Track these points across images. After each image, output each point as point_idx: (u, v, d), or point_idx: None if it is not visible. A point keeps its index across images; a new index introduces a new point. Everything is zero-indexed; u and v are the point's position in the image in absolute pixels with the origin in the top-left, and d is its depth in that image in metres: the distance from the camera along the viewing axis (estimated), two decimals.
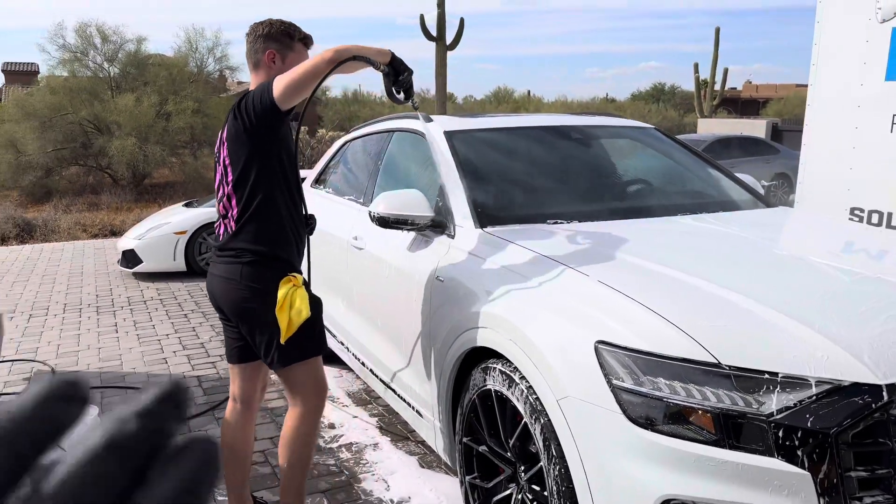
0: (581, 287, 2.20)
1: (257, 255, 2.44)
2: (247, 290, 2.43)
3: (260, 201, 2.43)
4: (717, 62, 26.73)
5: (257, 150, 2.41)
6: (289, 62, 2.51)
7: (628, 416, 1.86)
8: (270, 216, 2.46)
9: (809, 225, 3.29)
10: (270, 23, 2.53)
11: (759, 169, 12.47)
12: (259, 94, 2.36)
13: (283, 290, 2.39)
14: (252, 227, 2.44)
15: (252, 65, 2.56)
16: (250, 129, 2.39)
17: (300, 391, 2.54)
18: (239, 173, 2.43)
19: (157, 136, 14.62)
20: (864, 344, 1.84)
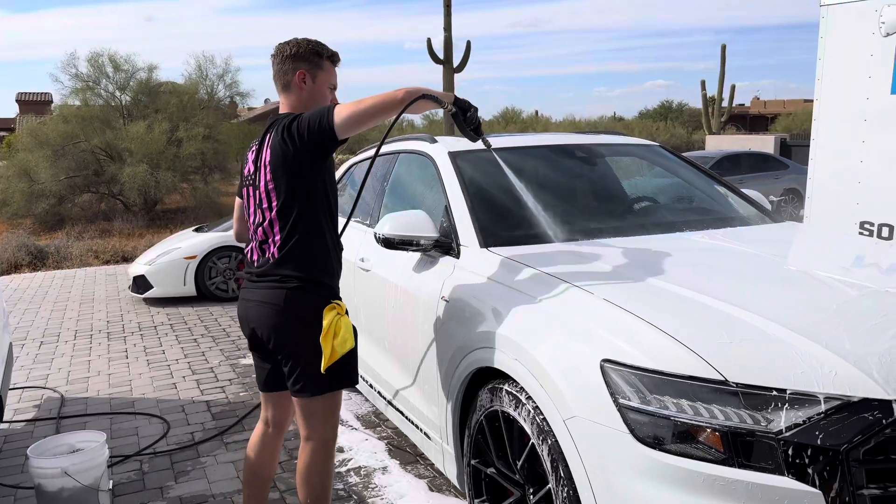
0: (587, 305, 2.18)
1: (303, 281, 2.39)
2: (290, 315, 2.38)
3: (306, 227, 2.39)
4: (723, 79, 26.78)
5: (306, 175, 2.37)
6: (319, 81, 2.50)
7: (636, 436, 1.84)
8: (316, 242, 2.41)
9: (816, 239, 3.27)
10: (297, 42, 2.50)
11: (768, 184, 12.44)
12: (317, 118, 2.31)
13: (329, 319, 2.35)
14: (298, 254, 2.39)
15: (281, 86, 2.52)
16: (301, 152, 2.34)
17: (321, 421, 2.47)
18: (285, 198, 2.37)
19: (169, 163, 14.75)
20: (873, 359, 1.82)
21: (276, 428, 2.68)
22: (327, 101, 2.52)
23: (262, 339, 2.46)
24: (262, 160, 2.43)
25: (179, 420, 4.24)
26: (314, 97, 2.50)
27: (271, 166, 2.39)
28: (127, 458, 3.71)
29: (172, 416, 4.32)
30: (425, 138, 3.61)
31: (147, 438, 3.97)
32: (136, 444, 3.89)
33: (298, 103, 2.49)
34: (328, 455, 2.51)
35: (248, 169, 2.53)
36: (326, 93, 2.53)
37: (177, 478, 3.49)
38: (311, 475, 2.48)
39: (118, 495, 3.33)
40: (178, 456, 3.74)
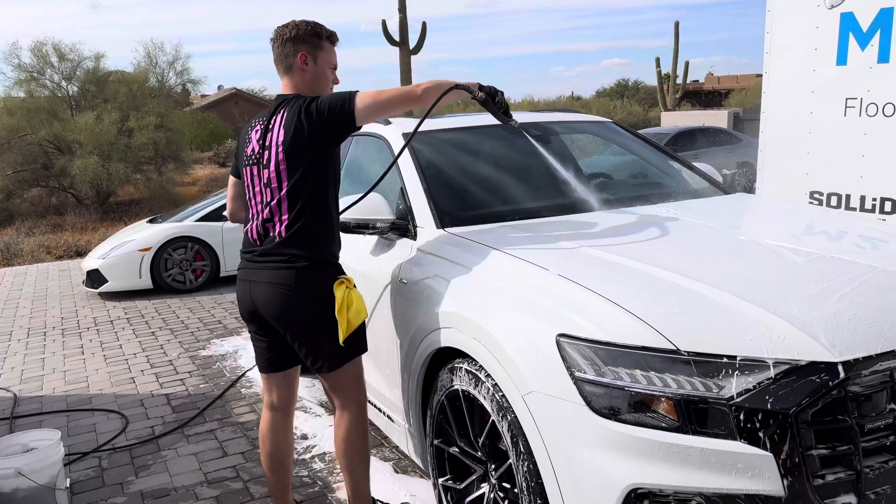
0: (542, 281, 2.19)
1: (312, 259, 2.43)
2: (301, 294, 2.42)
3: (315, 208, 2.44)
4: (677, 56, 27.10)
5: (319, 157, 2.42)
6: (321, 62, 2.55)
7: (592, 408, 1.86)
8: (324, 222, 2.47)
9: (766, 210, 3.34)
10: (296, 25, 2.53)
11: (723, 158, 12.65)
12: (338, 103, 2.37)
13: (340, 293, 2.42)
14: (306, 234, 2.43)
15: (283, 69, 2.55)
16: (318, 134, 2.38)
17: (351, 391, 2.56)
18: (297, 179, 2.41)
19: (120, 154, 14.38)
20: (820, 323, 1.86)
21: (283, 411, 2.70)
22: (329, 81, 2.59)
23: (269, 320, 2.48)
24: (273, 140, 2.44)
25: (139, 414, 4.17)
26: (317, 78, 2.55)
27: (284, 146, 2.41)
28: (85, 456, 3.63)
29: (131, 410, 4.24)
30: (379, 120, 3.57)
31: (105, 434, 3.89)
32: (94, 441, 3.82)
33: (302, 84, 2.53)
34: (366, 418, 2.61)
35: (252, 148, 2.52)
36: (328, 73, 2.58)
37: (137, 472, 3.43)
38: (356, 439, 2.58)
39: (77, 493, 3.26)
40: (139, 451, 3.67)
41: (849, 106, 5.16)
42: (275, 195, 2.44)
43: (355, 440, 2.58)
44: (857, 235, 2.74)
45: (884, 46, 5.07)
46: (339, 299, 2.41)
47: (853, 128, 5.16)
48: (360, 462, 2.61)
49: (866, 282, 2.11)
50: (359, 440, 2.59)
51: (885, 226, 3.44)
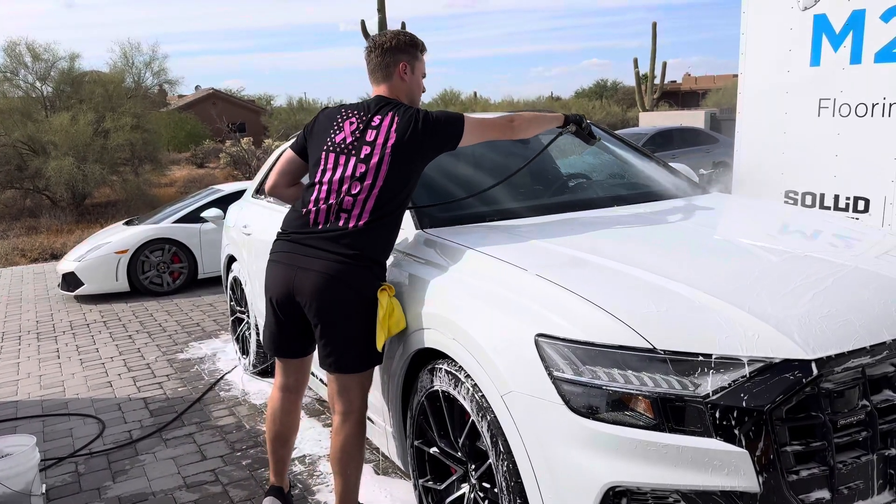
0: (520, 282, 2.20)
1: (371, 260, 2.49)
2: (352, 292, 2.45)
3: (394, 212, 2.52)
4: (655, 56, 27.34)
5: (419, 166, 2.55)
6: (417, 71, 2.69)
7: (570, 407, 1.87)
8: (396, 227, 2.58)
9: (742, 209, 3.38)
10: (395, 35, 2.67)
11: (700, 158, 12.78)
12: (452, 123, 2.55)
13: (385, 299, 2.44)
14: (379, 233, 2.50)
15: (382, 77, 2.65)
16: (427, 146, 2.52)
17: (357, 398, 2.58)
18: (393, 182, 2.48)
19: (96, 155, 14.21)
20: (793, 321, 1.89)
21: (295, 393, 2.79)
22: (421, 89, 2.74)
23: (306, 309, 2.48)
24: (379, 138, 2.50)
25: (116, 419, 4.12)
26: (413, 87, 2.69)
27: (394, 148, 2.48)
28: (61, 461, 3.59)
29: (108, 415, 4.19)
30: None
31: (82, 439, 3.84)
32: (70, 446, 3.77)
33: (401, 92, 2.65)
34: (364, 429, 2.63)
35: (344, 138, 2.56)
36: (422, 82, 2.74)
37: (115, 477, 3.39)
38: (353, 448, 2.58)
39: (53, 499, 3.22)
40: (116, 455, 3.63)
41: (822, 106, 5.24)
42: (364, 190, 2.47)
43: (352, 448, 2.58)
44: (831, 234, 2.79)
45: (856, 48, 5.16)
46: (383, 306, 2.42)
47: (827, 128, 5.24)
48: (354, 470, 2.62)
49: (839, 280, 2.15)
50: (356, 449, 2.59)
51: (858, 224, 3.50)
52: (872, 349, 1.88)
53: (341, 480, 2.62)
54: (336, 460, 2.60)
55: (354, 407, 2.57)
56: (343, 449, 2.57)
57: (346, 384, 2.55)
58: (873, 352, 1.88)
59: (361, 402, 2.59)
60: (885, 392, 1.91)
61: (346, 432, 2.57)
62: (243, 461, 3.47)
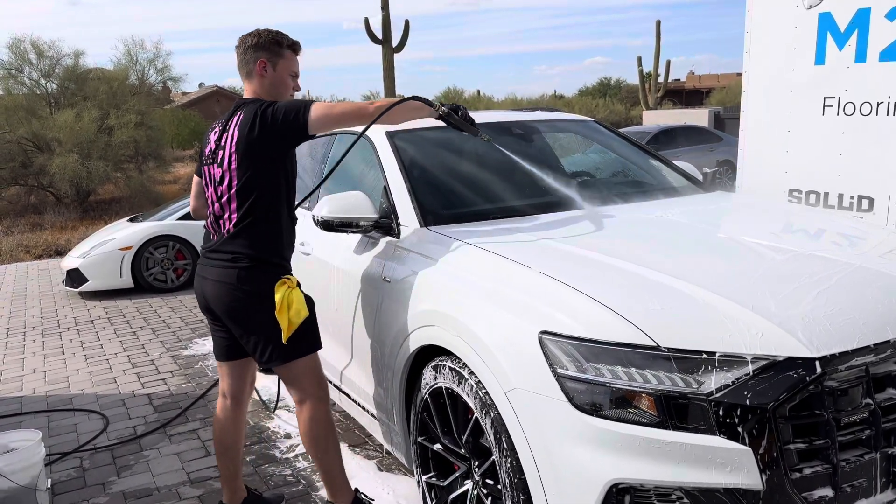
0: (524, 279, 2.21)
1: (254, 259, 2.50)
2: (242, 293, 2.50)
3: (262, 209, 2.51)
4: (659, 55, 27.29)
5: (270, 159, 2.49)
6: (280, 69, 2.63)
7: (574, 404, 1.88)
8: (270, 223, 2.54)
9: (746, 207, 3.38)
10: (259, 33, 2.63)
11: (703, 157, 12.77)
12: (293, 111, 2.45)
13: (280, 293, 2.47)
14: (251, 232, 2.51)
15: (245, 74, 2.65)
16: (269, 138, 2.46)
17: (307, 386, 2.61)
18: (246, 180, 2.48)
19: (100, 152, 14.22)
20: (798, 320, 1.89)
21: (233, 400, 2.79)
22: (289, 88, 2.67)
23: (219, 314, 2.59)
24: (227, 140, 2.53)
25: (120, 414, 4.14)
26: (275, 84, 2.63)
27: (237, 147, 2.49)
28: (65, 456, 3.60)
29: (113, 410, 4.21)
30: None
31: (87, 435, 3.86)
32: (75, 442, 3.79)
33: (261, 90, 2.62)
34: (325, 411, 2.65)
35: (210, 148, 2.62)
36: (287, 80, 2.66)
37: (119, 472, 3.41)
38: (314, 431, 2.62)
39: (58, 493, 3.24)
40: (120, 451, 3.65)
41: (827, 105, 5.24)
42: (225, 193, 2.53)
43: (317, 432, 2.63)
44: (835, 233, 2.79)
45: (861, 46, 5.15)
46: (278, 300, 2.46)
47: (831, 127, 5.23)
48: (326, 453, 2.66)
49: (843, 278, 2.15)
50: (321, 432, 2.63)
51: (862, 223, 3.50)
52: (876, 347, 1.89)
53: (319, 466, 2.69)
54: (307, 448, 2.67)
55: (306, 394, 2.61)
56: (307, 434, 2.63)
57: (287, 376, 2.62)
58: (877, 350, 1.88)
59: (313, 388, 2.62)
60: (889, 390, 1.92)
61: (304, 419, 2.62)
62: (247, 457, 3.48)
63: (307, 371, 2.61)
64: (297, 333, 2.51)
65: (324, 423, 2.64)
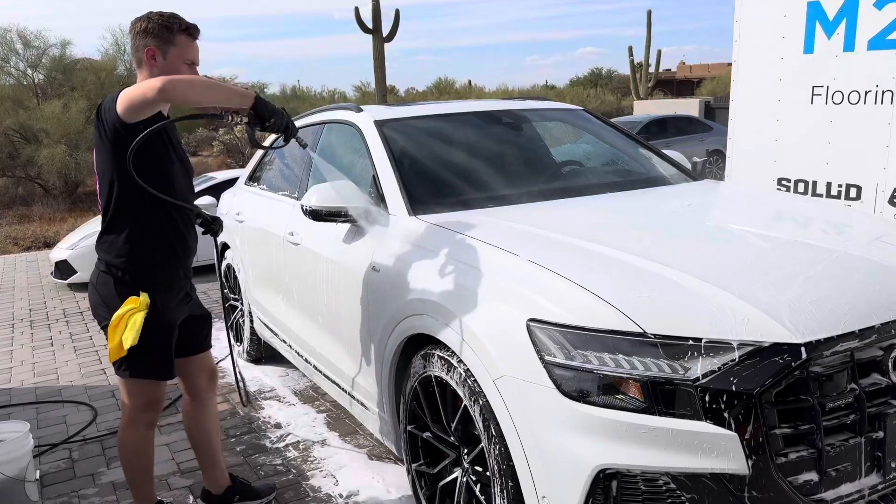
0: (513, 267, 2.21)
1: (109, 265, 2.39)
2: (99, 297, 2.43)
3: (117, 213, 2.35)
4: (650, 45, 27.28)
5: (117, 160, 2.28)
6: (171, 57, 2.38)
7: (561, 391, 1.88)
8: (128, 225, 2.36)
9: (734, 196, 3.39)
10: (149, 17, 2.39)
11: (694, 146, 12.80)
12: (109, 104, 2.26)
13: (120, 311, 2.32)
14: (109, 238, 2.40)
15: (136, 64, 2.42)
16: (107, 139, 2.28)
17: (129, 401, 2.50)
18: (102, 177, 2.36)
19: (89, 143, 14.10)
20: (784, 306, 1.90)
21: (190, 395, 2.78)
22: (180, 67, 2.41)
23: None
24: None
25: (110, 406, 4.13)
26: (167, 75, 2.31)
27: (94, 143, 2.39)
28: (54, 447, 3.59)
29: (102, 402, 4.19)
30: (351, 107, 3.57)
31: (76, 426, 3.85)
32: (64, 433, 3.77)
33: (150, 74, 2.36)
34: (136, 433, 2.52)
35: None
36: (182, 70, 2.40)
37: (108, 463, 3.40)
38: (122, 449, 2.56)
39: (47, 485, 3.23)
40: (110, 442, 3.63)
41: (815, 94, 5.25)
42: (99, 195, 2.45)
43: (121, 453, 2.57)
44: (823, 220, 2.80)
45: (849, 35, 5.16)
46: (115, 315, 2.31)
47: (819, 115, 5.25)
48: (127, 471, 2.59)
49: (829, 265, 2.16)
50: (125, 455, 2.56)
51: (850, 211, 3.52)
52: (861, 333, 1.90)
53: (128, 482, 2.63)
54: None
55: (126, 413, 2.51)
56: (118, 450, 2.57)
57: (121, 387, 2.51)
58: (862, 336, 1.90)
59: (132, 410, 2.49)
60: (874, 375, 1.93)
61: (118, 435, 2.56)
62: (237, 447, 3.48)
63: (138, 392, 2.47)
64: (138, 355, 2.34)
65: (132, 448, 2.54)
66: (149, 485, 2.64)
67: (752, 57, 5.61)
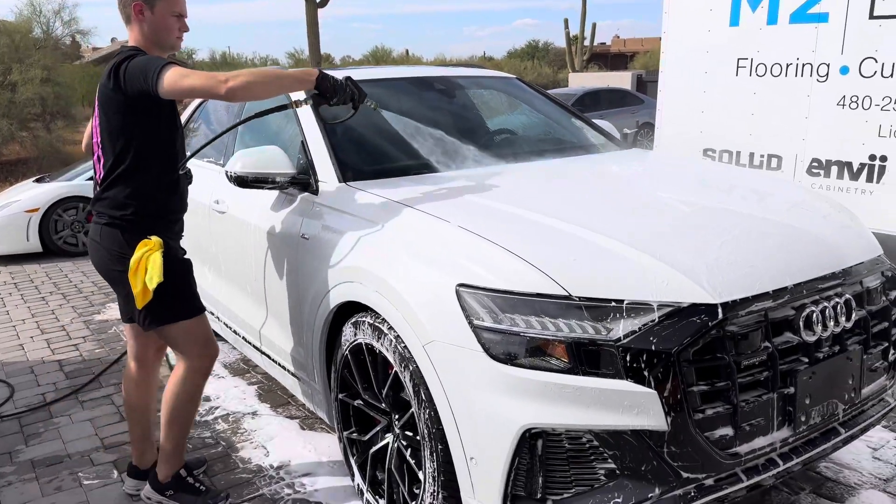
0: (442, 233, 2.20)
1: (113, 217, 2.42)
2: (106, 252, 2.45)
3: (128, 166, 2.40)
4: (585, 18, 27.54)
5: (132, 117, 2.36)
6: (159, 11, 2.43)
7: (490, 354, 1.90)
8: (135, 180, 2.42)
9: (660, 164, 3.46)
10: None
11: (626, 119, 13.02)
12: (142, 74, 2.26)
13: (137, 255, 2.36)
14: (115, 191, 2.41)
15: (124, 19, 2.47)
16: (120, 97, 2.33)
17: (184, 350, 2.55)
18: (108, 137, 2.39)
19: (3, 109, 13.36)
20: (702, 268, 1.96)
21: (137, 362, 2.72)
22: (173, 31, 2.48)
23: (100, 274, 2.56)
24: (97, 94, 2.42)
25: (28, 382, 3.96)
26: (157, 29, 2.45)
27: (98, 103, 2.40)
28: None
29: (19, 378, 4.01)
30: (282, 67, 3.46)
31: None
32: None
33: (142, 37, 2.45)
34: (196, 381, 2.58)
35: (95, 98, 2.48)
36: (170, 22, 2.46)
37: (27, 441, 3.27)
38: (175, 397, 2.57)
39: None
40: (28, 419, 3.49)
41: (740, 66, 5.40)
42: (95, 150, 2.46)
43: (176, 401, 2.57)
44: (745, 187, 2.88)
45: (773, 8, 5.30)
46: (133, 261, 2.35)
47: (744, 87, 5.41)
48: (174, 424, 2.60)
49: (747, 230, 2.24)
50: (181, 402, 2.57)
51: (773, 178, 3.64)
52: (775, 294, 1.98)
53: (163, 431, 2.63)
54: (162, 408, 2.62)
55: (182, 358, 2.56)
56: (168, 398, 2.58)
57: (164, 338, 2.57)
58: (775, 296, 1.98)
59: (187, 356, 2.54)
60: (786, 334, 2.01)
61: (173, 380, 2.58)
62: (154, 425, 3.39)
63: (184, 336, 2.53)
64: (164, 299, 2.39)
65: (190, 394, 2.58)
66: (185, 441, 2.70)
67: (680, 29, 5.72)
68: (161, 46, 2.48)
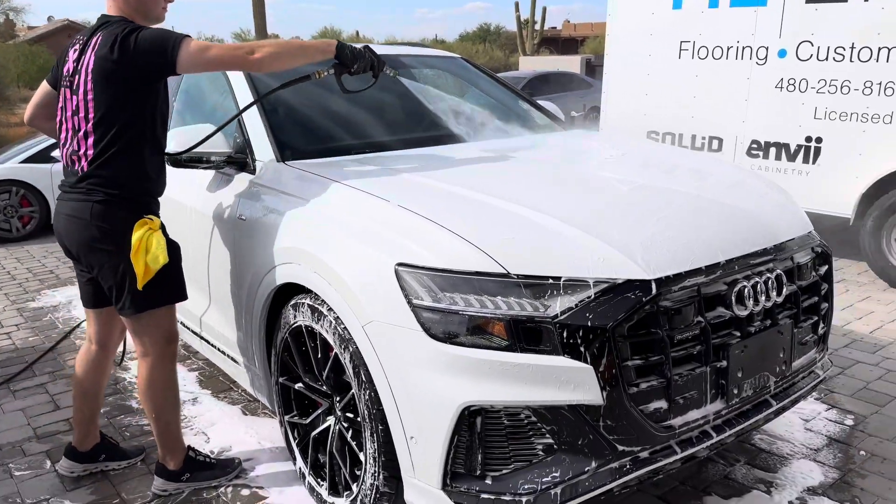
0: (382, 212, 2.18)
1: (110, 194, 2.31)
2: (96, 230, 2.32)
3: (124, 143, 2.31)
4: (536, 1, 27.58)
5: (131, 92, 2.27)
6: None
7: (429, 333, 1.89)
8: (132, 157, 2.34)
9: (601, 144, 3.49)
10: None
11: (574, 103, 13.12)
12: (161, 46, 2.20)
13: (138, 234, 2.29)
14: (110, 168, 2.31)
15: None
16: (131, 71, 2.24)
17: (151, 338, 2.46)
18: (104, 113, 2.27)
19: None
20: (637, 245, 1.98)
21: (99, 346, 2.65)
22: (160, 1, 2.42)
23: (74, 255, 2.43)
24: (85, 66, 2.28)
25: None
26: (143, 4, 2.37)
27: (94, 76, 2.26)
28: None
29: None
30: None
31: None
32: None
33: (126, 6, 2.35)
34: (167, 371, 2.52)
35: (68, 68, 2.36)
36: None
37: None
38: (152, 391, 2.51)
39: None
40: None
41: (683, 49, 5.49)
42: (82, 126, 2.31)
43: (154, 393, 2.51)
44: (684, 167, 2.92)
45: None
46: (135, 241, 2.28)
47: (686, 70, 5.50)
48: (162, 413, 2.55)
49: (683, 207, 2.27)
50: (159, 393, 2.52)
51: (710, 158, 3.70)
52: (707, 269, 2.01)
53: (153, 425, 2.59)
54: (143, 405, 2.58)
55: (153, 349, 2.47)
56: (145, 394, 2.53)
57: (134, 327, 2.45)
58: (708, 272, 2.01)
59: (159, 344, 2.47)
60: (719, 309, 2.06)
61: (144, 376, 2.50)
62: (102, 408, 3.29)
63: (158, 324, 2.46)
64: (156, 280, 2.33)
65: (163, 384, 2.52)
66: (179, 427, 2.63)
67: (625, 11, 5.76)
68: (147, 18, 2.38)
